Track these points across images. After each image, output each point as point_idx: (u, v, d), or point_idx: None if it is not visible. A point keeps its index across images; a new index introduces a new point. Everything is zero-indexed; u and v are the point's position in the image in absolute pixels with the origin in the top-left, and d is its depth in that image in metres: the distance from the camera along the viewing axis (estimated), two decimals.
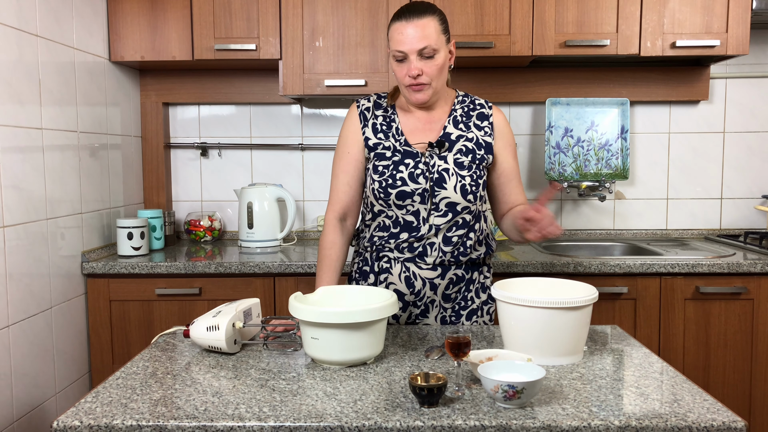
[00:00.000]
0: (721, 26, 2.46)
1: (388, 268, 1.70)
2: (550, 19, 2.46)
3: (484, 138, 1.70)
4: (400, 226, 1.67)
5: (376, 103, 1.75)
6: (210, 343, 1.42)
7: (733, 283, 2.29)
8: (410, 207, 1.65)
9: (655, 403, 1.15)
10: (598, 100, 2.80)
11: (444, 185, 1.64)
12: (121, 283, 2.35)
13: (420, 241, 1.66)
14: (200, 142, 2.92)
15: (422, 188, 1.63)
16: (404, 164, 1.65)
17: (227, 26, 2.50)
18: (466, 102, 1.76)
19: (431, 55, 1.60)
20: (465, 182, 1.64)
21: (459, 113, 1.73)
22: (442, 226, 1.65)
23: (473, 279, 1.73)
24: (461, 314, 1.73)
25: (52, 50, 2.17)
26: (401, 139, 1.68)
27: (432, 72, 1.61)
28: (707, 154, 2.89)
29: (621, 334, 1.58)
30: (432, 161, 1.65)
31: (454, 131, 1.70)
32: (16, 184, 1.96)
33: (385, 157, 1.67)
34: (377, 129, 1.71)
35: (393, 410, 1.12)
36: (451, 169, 1.65)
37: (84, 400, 1.19)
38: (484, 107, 1.75)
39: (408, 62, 1.61)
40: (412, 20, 1.59)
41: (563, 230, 1.45)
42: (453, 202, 1.64)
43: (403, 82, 1.63)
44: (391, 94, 1.76)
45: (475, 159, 1.68)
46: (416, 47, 1.58)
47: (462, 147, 1.68)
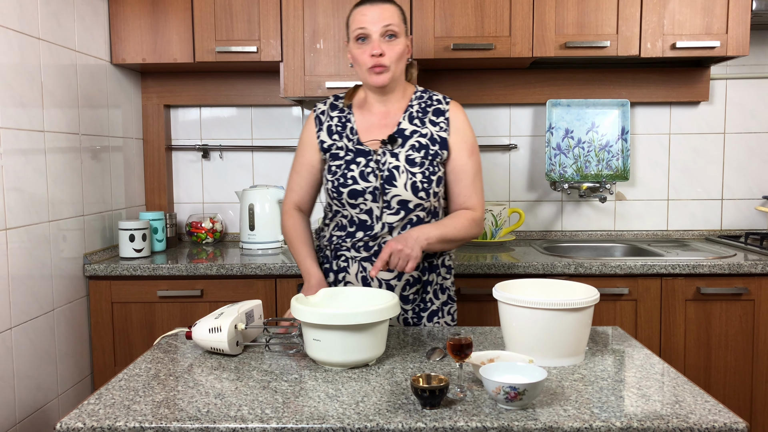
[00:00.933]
0: (721, 27, 2.47)
1: (345, 267, 1.71)
2: (550, 21, 2.46)
3: (438, 133, 1.69)
4: (355, 225, 1.68)
5: (333, 105, 1.77)
6: (212, 345, 1.43)
7: (734, 283, 2.29)
8: (363, 206, 1.66)
9: (656, 404, 1.16)
10: (599, 101, 2.80)
11: (394, 183, 1.64)
12: (122, 285, 2.35)
13: (375, 240, 1.67)
14: (201, 144, 2.93)
15: (373, 186, 1.64)
16: (356, 163, 1.66)
17: (228, 28, 2.51)
18: (424, 98, 1.75)
19: (393, 34, 1.62)
20: (416, 179, 1.64)
21: (415, 109, 1.72)
22: (395, 224, 1.65)
23: (430, 281, 1.73)
24: (422, 316, 1.73)
25: (54, 53, 2.18)
26: (354, 138, 1.70)
27: (393, 55, 1.63)
28: (708, 155, 2.89)
29: (622, 335, 1.58)
30: (383, 159, 1.66)
31: (408, 126, 1.70)
32: (19, 187, 1.97)
33: (339, 157, 1.69)
34: (332, 130, 1.72)
35: (395, 412, 1.13)
36: (401, 167, 1.65)
37: (87, 401, 1.19)
38: (441, 102, 1.74)
39: (370, 42, 1.62)
40: (376, 3, 1.63)
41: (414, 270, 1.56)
42: (404, 199, 1.64)
43: (366, 64, 1.63)
44: (349, 94, 1.77)
45: (427, 155, 1.67)
46: (379, 25, 1.61)
47: (415, 143, 1.68)
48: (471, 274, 2.29)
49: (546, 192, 2.92)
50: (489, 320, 2.31)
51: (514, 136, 2.91)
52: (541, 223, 2.94)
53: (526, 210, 2.92)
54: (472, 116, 2.90)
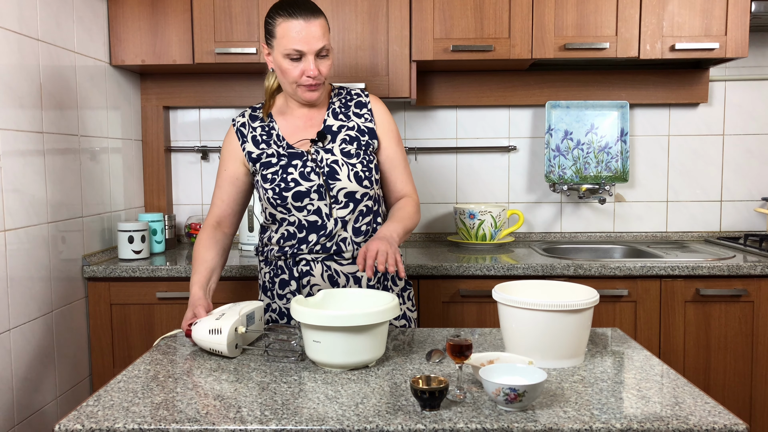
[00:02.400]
0: (720, 29, 2.47)
1: (308, 270, 1.69)
2: (549, 23, 2.46)
3: (365, 125, 1.72)
4: (305, 229, 1.67)
5: (252, 116, 1.76)
6: (211, 346, 1.42)
7: (733, 285, 2.29)
8: (310, 206, 1.65)
9: (656, 405, 1.15)
10: (598, 102, 2.80)
11: (337, 176, 1.65)
12: (121, 287, 2.35)
13: (331, 239, 1.66)
14: (201, 145, 2.93)
15: (316, 184, 1.64)
16: (292, 166, 1.66)
17: (227, 30, 2.51)
18: (343, 93, 1.77)
19: (326, 54, 1.62)
20: (357, 169, 1.66)
21: (337, 105, 1.74)
22: (347, 217, 1.66)
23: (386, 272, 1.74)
24: None
25: (53, 54, 2.17)
26: (283, 143, 1.69)
27: (326, 71, 1.64)
28: (707, 157, 2.90)
29: (622, 337, 1.58)
30: (319, 156, 1.66)
31: (334, 122, 1.71)
32: (18, 188, 1.96)
33: (272, 164, 1.68)
34: (258, 140, 1.71)
35: (394, 413, 1.12)
36: (340, 160, 1.66)
37: (86, 403, 1.19)
38: (360, 96, 1.76)
39: (305, 62, 1.60)
40: (309, 19, 1.58)
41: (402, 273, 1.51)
42: (350, 191, 1.65)
43: (300, 82, 1.62)
44: (266, 103, 1.75)
45: (360, 145, 1.69)
46: (316, 47, 1.59)
47: (345, 136, 1.69)
48: (470, 275, 2.29)
49: (545, 193, 2.92)
50: (488, 322, 2.31)
51: (513, 137, 2.91)
52: (541, 225, 2.94)
53: (525, 211, 2.92)
54: (471, 118, 2.90)
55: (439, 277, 2.29)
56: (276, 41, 1.61)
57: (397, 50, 2.49)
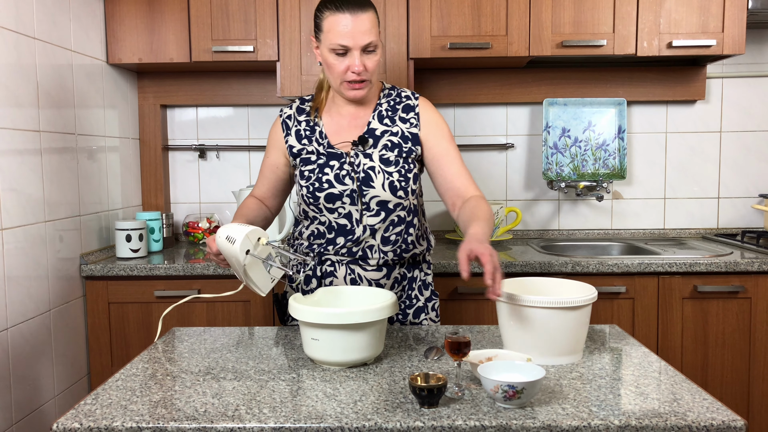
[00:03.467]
0: (718, 26, 2.47)
1: (332, 271, 1.68)
2: (546, 20, 2.46)
3: (409, 130, 1.66)
4: (334, 231, 1.65)
5: (299, 109, 1.72)
6: (228, 233, 1.45)
7: (731, 282, 2.29)
8: (341, 210, 1.63)
9: (654, 402, 1.16)
10: (596, 100, 2.80)
11: (371, 184, 1.61)
12: (119, 286, 2.35)
13: (358, 244, 1.64)
14: (198, 144, 2.92)
15: (350, 189, 1.61)
16: (329, 166, 1.63)
17: (225, 28, 2.50)
18: (392, 95, 1.71)
19: (373, 50, 1.57)
20: (393, 178, 1.61)
21: (384, 107, 1.69)
22: (377, 225, 1.63)
23: (414, 277, 1.73)
24: (407, 313, 1.72)
25: (50, 53, 2.17)
26: (324, 142, 1.66)
27: (373, 67, 1.58)
28: (704, 154, 2.90)
29: (620, 334, 1.59)
30: (357, 160, 1.62)
31: (378, 126, 1.66)
32: (15, 187, 1.96)
33: (310, 161, 1.66)
34: (301, 135, 1.69)
35: (393, 411, 1.12)
36: (377, 167, 1.62)
37: (84, 402, 1.18)
38: (410, 99, 1.70)
39: (350, 57, 1.55)
40: (356, 13, 1.53)
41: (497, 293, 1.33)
42: (383, 200, 1.62)
43: (344, 78, 1.58)
44: (316, 97, 1.72)
45: (401, 153, 1.64)
46: (361, 43, 1.53)
47: (387, 142, 1.64)
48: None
49: (543, 191, 2.92)
50: (486, 319, 2.31)
51: (511, 135, 2.91)
52: (539, 222, 2.94)
53: (523, 209, 2.93)
54: (469, 115, 2.90)
55: (438, 274, 2.29)
56: (323, 35, 1.57)
57: (394, 48, 2.49)
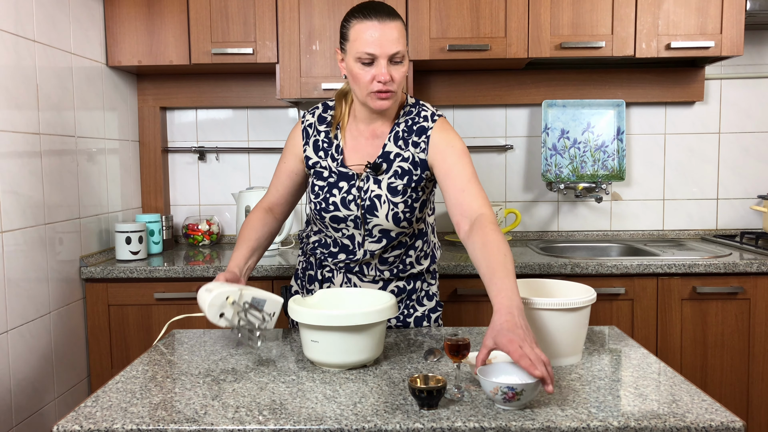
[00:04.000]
0: (716, 27, 2.48)
1: (330, 277, 1.72)
2: (545, 22, 2.47)
3: (418, 155, 1.60)
4: (338, 247, 1.67)
5: (321, 117, 1.68)
6: (201, 304, 1.46)
7: (730, 283, 2.30)
8: (345, 231, 1.65)
9: (653, 403, 1.16)
10: (594, 101, 2.81)
11: (375, 213, 1.59)
12: (119, 288, 2.35)
13: (356, 263, 1.67)
14: (198, 146, 2.93)
15: (354, 215, 1.61)
16: (338, 188, 1.62)
17: (224, 30, 2.51)
18: (412, 113, 1.64)
19: (400, 60, 1.52)
20: (398, 210, 1.59)
21: (402, 128, 1.62)
22: (377, 251, 1.64)
23: (415, 288, 1.73)
24: (408, 322, 1.73)
25: (50, 55, 2.17)
26: (339, 158, 1.63)
27: (399, 78, 1.52)
28: (703, 155, 2.90)
29: (619, 335, 1.59)
30: (366, 186, 1.60)
31: (393, 149, 1.61)
32: (15, 189, 1.96)
33: (322, 176, 1.65)
34: (318, 146, 1.67)
35: (393, 412, 1.13)
36: (383, 196, 1.59)
37: (84, 404, 1.19)
38: (427, 120, 1.62)
39: (377, 66, 1.50)
40: (384, 22, 1.49)
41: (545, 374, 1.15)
42: (386, 229, 1.61)
43: (370, 88, 1.52)
44: (336, 110, 1.66)
45: (411, 181, 1.60)
46: (388, 52, 1.49)
47: (398, 168, 1.60)
48: (467, 274, 2.29)
49: (542, 192, 2.93)
50: (486, 320, 2.31)
51: (510, 136, 2.91)
52: (538, 224, 2.94)
53: (522, 210, 2.93)
54: (468, 117, 2.91)
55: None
56: (349, 44, 1.53)
57: None
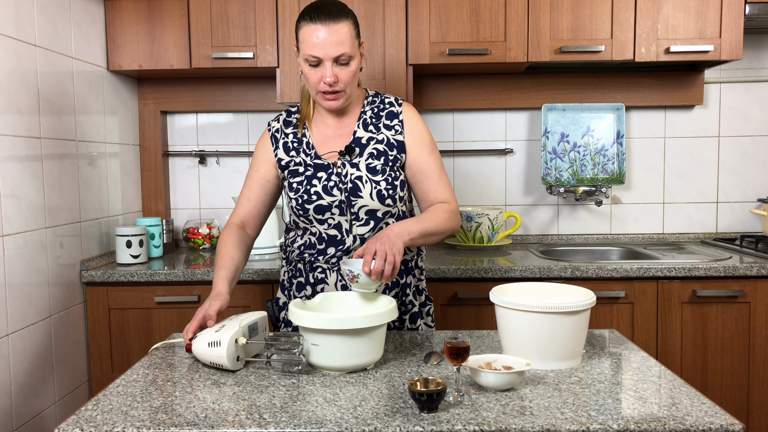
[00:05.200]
0: (715, 31, 2.48)
1: (323, 278, 1.69)
2: (545, 26, 2.48)
3: (395, 137, 1.67)
4: (325, 242, 1.66)
5: (286, 121, 1.74)
6: (212, 360, 1.37)
7: (730, 286, 2.30)
8: (331, 220, 1.64)
9: (653, 406, 1.16)
10: (594, 105, 2.81)
11: (359, 194, 1.61)
12: (119, 291, 2.35)
13: (348, 254, 1.65)
14: (198, 150, 2.93)
15: (338, 200, 1.62)
16: (317, 178, 1.64)
17: (224, 35, 2.51)
18: (376, 102, 1.72)
19: (347, 62, 1.56)
20: (380, 187, 1.62)
21: (369, 115, 1.69)
22: (366, 235, 1.64)
23: (408, 283, 1.73)
24: (404, 319, 1.73)
25: (51, 60, 2.18)
26: (312, 153, 1.67)
27: (347, 78, 1.58)
28: (703, 159, 2.91)
29: (619, 338, 1.59)
30: (344, 171, 1.63)
31: (364, 134, 1.67)
32: (15, 193, 1.97)
33: (298, 173, 1.67)
34: (288, 147, 1.70)
35: (393, 416, 1.13)
36: (364, 176, 1.62)
37: (84, 407, 1.19)
38: (393, 105, 1.71)
39: (322, 68, 1.56)
40: (328, 24, 1.53)
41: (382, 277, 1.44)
42: (372, 209, 1.63)
43: (318, 89, 1.59)
44: (303, 109, 1.72)
45: (387, 161, 1.65)
46: (332, 54, 1.54)
47: (373, 150, 1.65)
48: (468, 278, 2.30)
49: (542, 196, 2.93)
50: (486, 324, 2.32)
51: (509, 140, 2.92)
52: (538, 227, 2.95)
53: (522, 214, 2.93)
54: (468, 121, 2.91)
55: (437, 280, 2.30)
56: (300, 45, 1.59)
57: (393, 54, 2.50)
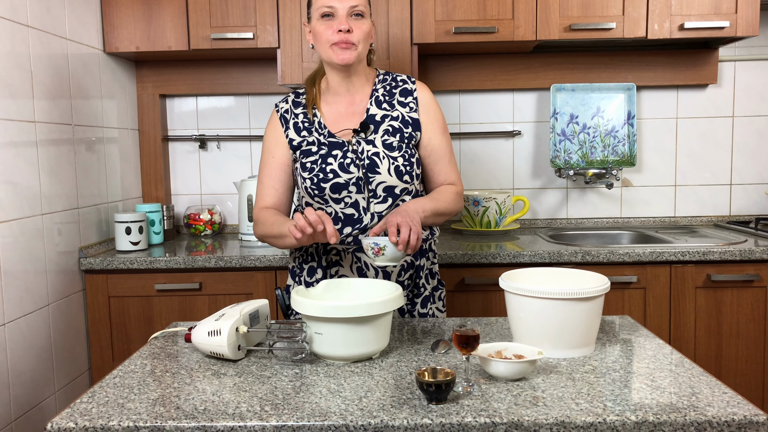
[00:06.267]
0: (731, 7, 2.40)
1: (338, 260, 1.65)
2: (554, 3, 2.40)
3: (409, 114, 1.65)
4: (341, 222, 1.62)
5: (295, 102, 1.71)
6: (212, 349, 1.33)
7: (745, 270, 2.24)
8: (348, 199, 1.60)
9: (672, 396, 1.11)
10: (604, 85, 2.74)
11: (377, 170, 1.59)
12: (119, 279, 2.31)
13: (364, 232, 1.61)
14: (198, 134, 2.88)
15: (356, 177, 1.59)
16: (332, 156, 1.61)
17: (223, 14, 2.45)
18: (388, 80, 1.70)
19: (360, 14, 1.59)
20: (398, 163, 1.60)
21: (381, 92, 1.68)
22: (384, 212, 1.60)
23: (422, 265, 1.69)
24: (415, 302, 1.69)
25: (45, 42, 2.12)
26: (324, 132, 1.64)
27: (360, 33, 1.59)
28: (716, 139, 2.83)
29: (632, 324, 1.54)
30: (360, 147, 1.61)
31: (377, 111, 1.65)
32: (10, 179, 1.92)
33: (311, 152, 1.63)
34: (299, 127, 1.66)
35: (400, 407, 1.08)
36: (381, 152, 1.60)
37: (80, 400, 1.14)
38: (407, 83, 1.70)
39: (336, 18, 1.58)
40: None
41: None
42: (390, 185, 1.60)
43: (331, 39, 1.58)
44: (308, 92, 1.70)
45: (403, 138, 1.63)
46: (347, 3, 1.57)
47: (388, 127, 1.63)
48: (475, 263, 2.24)
49: (551, 179, 2.87)
50: (494, 310, 2.27)
51: (517, 122, 2.85)
52: (546, 211, 2.88)
53: (530, 198, 2.87)
54: (474, 102, 2.84)
55: (444, 265, 2.25)
56: (312, 8, 1.61)
57: (397, 33, 2.43)
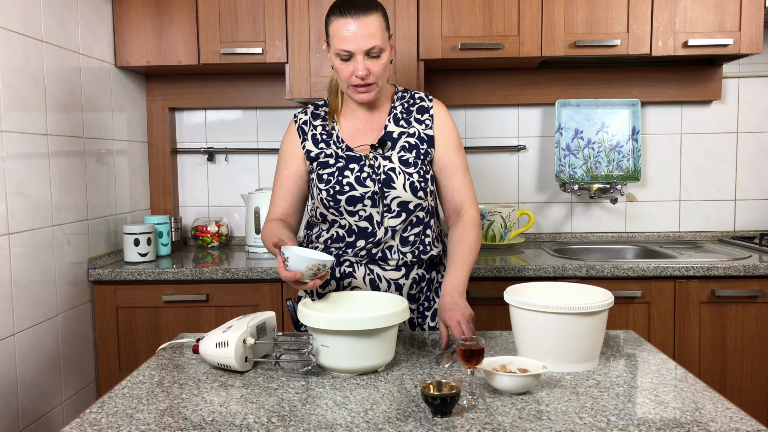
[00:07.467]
0: (734, 25, 2.42)
1: (351, 272, 1.66)
2: (559, 20, 2.43)
3: (425, 132, 1.67)
4: (354, 234, 1.63)
5: (314, 114, 1.72)
6: (219, 361, 1.35)
7: (750, 285, 2.24)
8: (362, 212, 1.62)
9: (675, 411, 1.12)
10: (609, 101, 2.76)
11: (393, 185, 1.60)
12: (127, 290, 2.33)
13: (378, 246, 1.63)
14: (207, 147, 2.91)
15: (371, 191, 1.60)
16: (349, 169, 1.62)
17: (233, 30, 2.48)
18: (406, 97, 1.71)
19: (378, 54, 1.56)
20: (413, 179, 1.61)
21: (399, 110, 1.69)
22: (398, 227, 1.62)
23: (432, 279, 1.71)
24: (426, 315, 1.70)
25: (58, 56, 2.16)
26: (342, 145, 1.65)
27: (378, 71, 1.57)
28: (720, 155, 2.85)
29: (636, 339, 1.54)
30: (377, 162, 1.62)
31: (395, 129, 1.66)
32: (22, 191, 1.95)
33: (329, 165, 1.64)
34: (317, 139, 1.68)
35: (405, 420, 1.09)
36: (397, 168, 1.61)
37: (89, 410, 1.16)
38: (424, 100, 1.71)
39: (354, 61, 1.55)
40: (359, 17, 1.52)
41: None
42: (404, 201, 1.61)
43: (350, 82, 1.58)
44: (331, 103, 1.70)
45: (419, 154, 1.64)
46: (363, 47, 1.53)
47: (405, 143, 1.65)
48: (480, 277, 2.25)
49: (555, 193, 2.88)
50: (499, 324, 2.27)
51: (522, 137, 2.87)
52: (551, 225, 2.90)
53: (535, 212, 2.88)
54: (480, 117, 2.87)
55: None
56: (330, 40, 1.58)
57: (404, 49, 2.46)
